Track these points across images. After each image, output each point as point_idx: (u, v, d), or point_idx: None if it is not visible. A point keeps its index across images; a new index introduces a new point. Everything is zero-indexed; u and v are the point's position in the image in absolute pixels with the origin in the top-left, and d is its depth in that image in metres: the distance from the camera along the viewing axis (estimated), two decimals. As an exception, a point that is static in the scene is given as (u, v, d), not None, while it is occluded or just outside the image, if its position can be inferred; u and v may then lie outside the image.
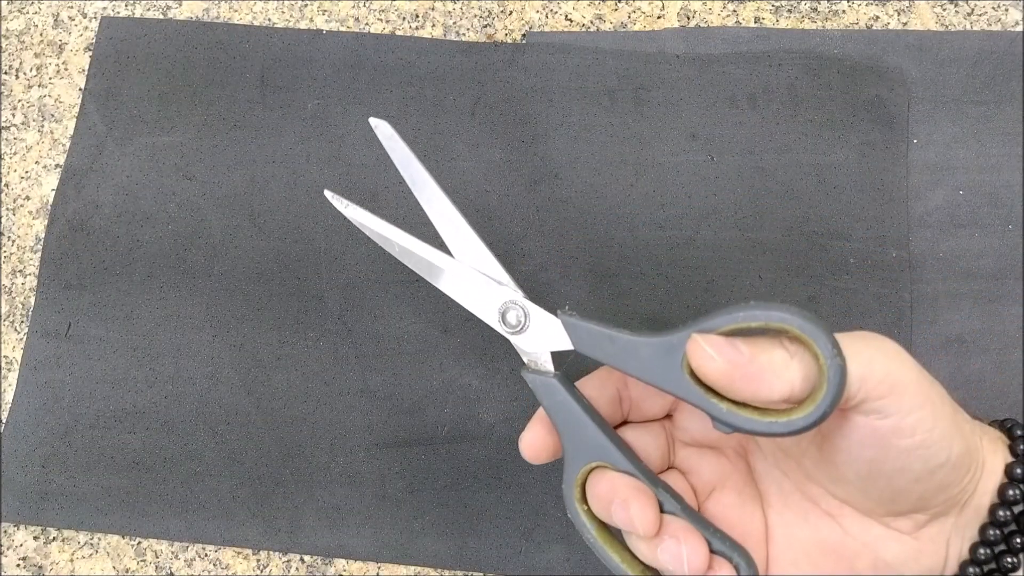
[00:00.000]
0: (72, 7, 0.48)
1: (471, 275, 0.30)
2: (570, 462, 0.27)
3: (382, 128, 0.31)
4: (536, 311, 0.29)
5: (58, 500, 0.39)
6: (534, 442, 0.29)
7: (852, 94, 0.43)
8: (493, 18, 0.46)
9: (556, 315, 0.28)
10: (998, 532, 0.26)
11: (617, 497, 0.25)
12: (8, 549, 0.39)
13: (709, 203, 0.42)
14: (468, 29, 0.46)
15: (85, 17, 0.47)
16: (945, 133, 0.43)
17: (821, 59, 0.44)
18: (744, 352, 0.24)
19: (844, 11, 0.46)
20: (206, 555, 0.39)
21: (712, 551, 0.25)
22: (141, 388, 0.40)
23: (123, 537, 0.39)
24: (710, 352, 0.24)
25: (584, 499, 0.28)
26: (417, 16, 0.46)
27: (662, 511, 0.26)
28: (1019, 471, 0.26)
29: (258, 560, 0.39)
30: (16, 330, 0.42)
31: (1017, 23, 0.45)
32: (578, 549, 0.38)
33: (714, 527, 0.26)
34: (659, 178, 0.42)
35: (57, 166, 0.44)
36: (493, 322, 0.29)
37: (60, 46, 0.47)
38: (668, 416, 0.31)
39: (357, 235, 0.42)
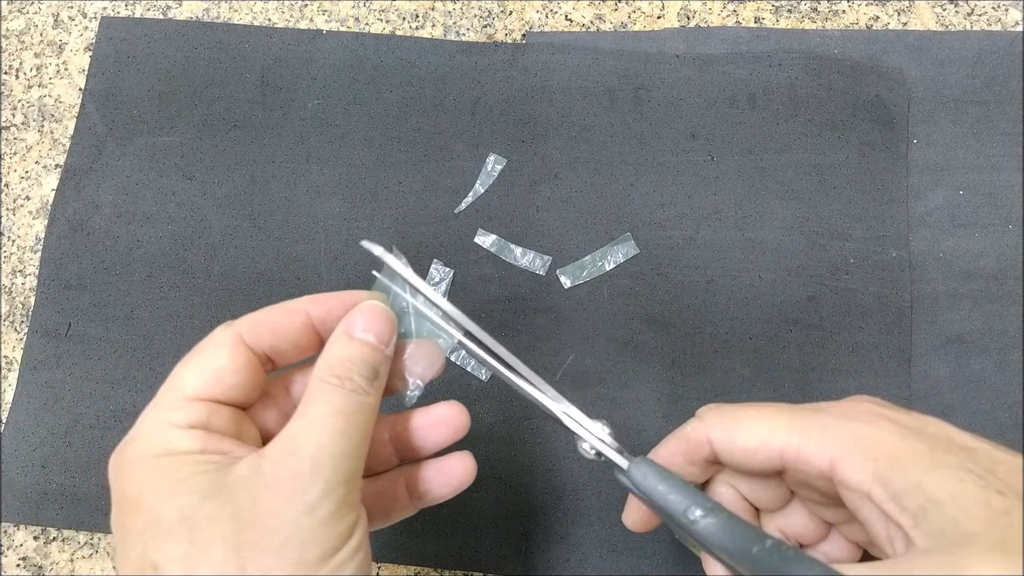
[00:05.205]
0: (72, 7, 0.48)
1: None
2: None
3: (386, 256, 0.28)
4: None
5: (58, 500, 0.39)
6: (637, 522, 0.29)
7: (852, 94, 0.43)
8: (493, 18, 0.46)
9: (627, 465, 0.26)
10: None
11: None
12: (8, 549, 0.39)
13: (709, 203, 0.42)
14: (468, 29, 0.46)
15: (85, 17, 0.47)
16: (945, 133, 0.43)
17: (821, 59, 0.44)
18: None
19: (844, 11, 0.46)
20: (206, 555, 0.39)
21: None
22: (141, 388, 0.40)
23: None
24: None
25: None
26: (417, 16, 0.46)
27: None
28: None
29: (258, 560, 0.39)
30: (16, 330, 0.42)
31: (1017, 23, 0.45)
32: (578, 549, 0.38)
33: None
34: (659, 178, 0.42)
35: (57, 166, 0.44)
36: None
37: (60, 46, 0.47)
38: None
39: (357, 235, 0.42)
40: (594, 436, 0.27)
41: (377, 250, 0.28)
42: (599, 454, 0.27)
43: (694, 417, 0.27)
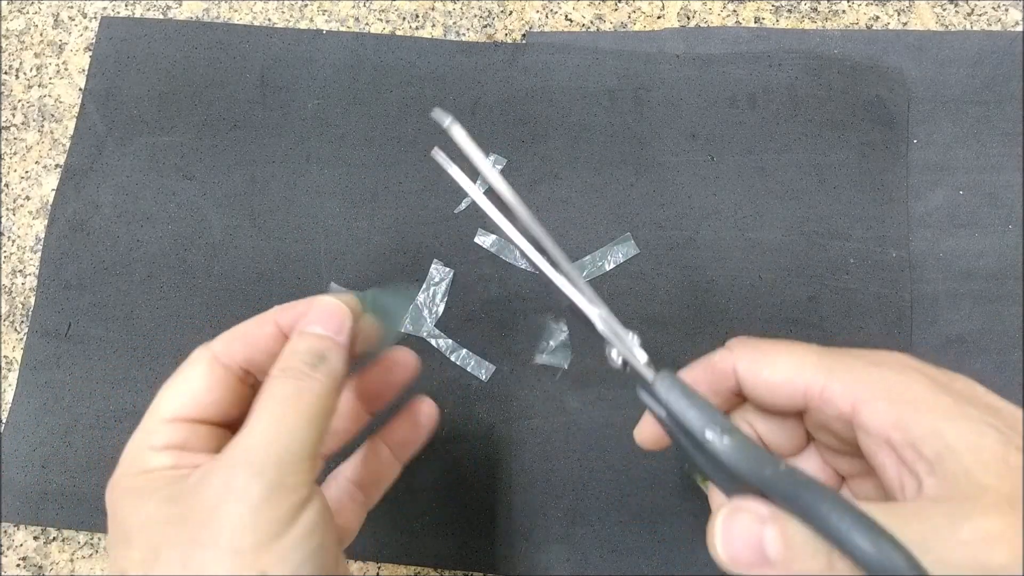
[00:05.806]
0: (72, 7, 0.48)
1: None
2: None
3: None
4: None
5: (58, 500, 0.39)
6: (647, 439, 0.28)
7: (852, 94, 0.43)
8: (493, 18, 0.46)
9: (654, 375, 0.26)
10: None
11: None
12: (8, 549, 0.39)
13: (709, 203, 0.42)
14: (468, 29, 0.46)
15: (85, 17, 0.47)
16: (945, 133, 0.43)
17: (821, 59, 0.44)
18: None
19: (844, 11, 0.46)
20: (206, 555, 0.39)
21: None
22: (141, 388, 0.40)
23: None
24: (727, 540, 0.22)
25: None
26: (417, 16, 0.46)
27: None
28: None
29: (258, 560, 0.39)
30: (16, 330, 0.42)
31: (1017, 23, 0.45)
32: (578, 549, 0.38)
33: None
34: (659, 178, 0.42)
35: (57, 166, 0.44)
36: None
37: (60, 46, 0.47)
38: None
39: (357, 235, 0.42)
40: (624, 345, 0.26)
41: (446, 121, 0.26)
42: (625, 363, 0.26)
43: (723, 347, 0.27)
